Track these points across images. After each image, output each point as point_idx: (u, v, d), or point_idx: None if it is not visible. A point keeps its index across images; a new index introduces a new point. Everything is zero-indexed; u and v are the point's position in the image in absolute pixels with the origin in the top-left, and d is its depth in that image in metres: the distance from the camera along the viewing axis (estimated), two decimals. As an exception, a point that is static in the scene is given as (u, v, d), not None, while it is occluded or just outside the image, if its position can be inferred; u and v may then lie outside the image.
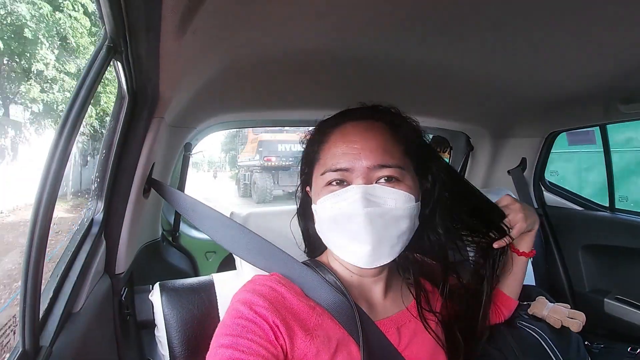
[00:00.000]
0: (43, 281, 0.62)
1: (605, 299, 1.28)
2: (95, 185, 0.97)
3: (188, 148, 1.60)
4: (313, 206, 0.83)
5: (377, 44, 1.05)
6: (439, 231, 0.87)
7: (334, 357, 0.73)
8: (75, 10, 8.56)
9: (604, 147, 1.78)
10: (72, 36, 8.48)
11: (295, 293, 0.78)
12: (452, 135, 2.20)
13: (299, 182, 0.93)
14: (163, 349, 0.97)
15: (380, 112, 0.84)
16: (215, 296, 1.02)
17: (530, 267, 1.68)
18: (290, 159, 10.27)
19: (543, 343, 1.13)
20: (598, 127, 1.75)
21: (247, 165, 11.99)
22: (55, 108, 8.53)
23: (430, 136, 2.17)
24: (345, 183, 0.77)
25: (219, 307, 1.01)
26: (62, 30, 8.34)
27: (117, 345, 0.94)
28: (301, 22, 0.90)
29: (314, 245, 0.94)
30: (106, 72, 0.74)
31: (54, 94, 8.52)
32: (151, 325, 1.01)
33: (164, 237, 1.67)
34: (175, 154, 1.47)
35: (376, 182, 0.76)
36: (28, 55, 8.14)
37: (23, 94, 8.55)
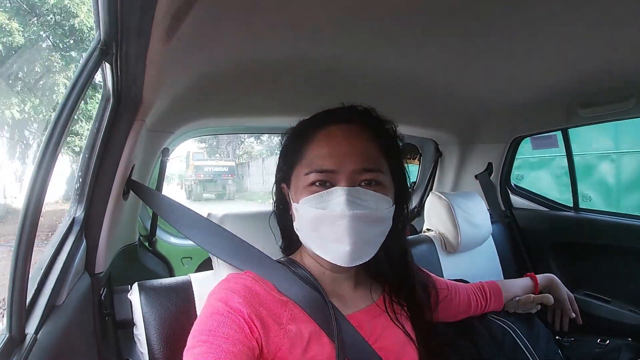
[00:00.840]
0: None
1: (574, 294, 1.31)
2: (78, 184, 0.98)
3: (165, 153, 1.61)
4: (294, 205, 0.83)
5: (347, 53, 1.09)
6: (402, 234, 0.91)
7: (307, 350, 0.75)
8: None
9: (567, 150, 1.85)
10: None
11: (268, 289, 0.80)
12: (421, 142, 2.26)
13: (275, 180, 0.94)
14: (142, 347, 0.98)
15: (363, 114, 0.85)
16: (193, 295, 1.04)
17: (499, 267, 1.72)
18: (211, 175, 16.27)
19: (514, 335, 1.16)
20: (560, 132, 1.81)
21: (189, 179, 17.85)
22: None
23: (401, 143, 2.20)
24: (328, 184, 0.78)
25: (196, 305, 1.03)
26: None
27: (97, 342, 0.95)
28: (278, 33, 0.94)
29: (290, 242, 0.95)
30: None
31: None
32: (130, 324, 1.01)
33: (140, 242, 1.66)
34: (153, 158, 1.48)
35: (358, 185, 0.78)
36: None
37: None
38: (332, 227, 0.76)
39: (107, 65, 0.83)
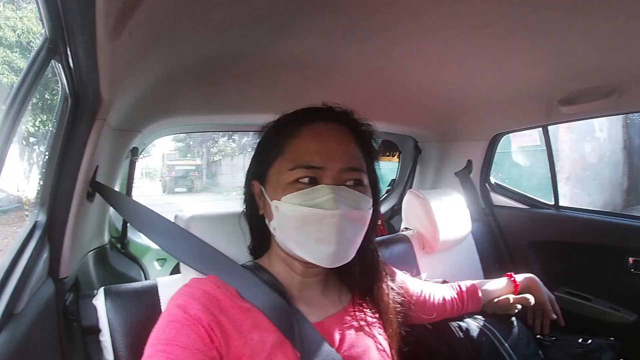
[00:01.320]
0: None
1: (555, 293, 1.30)
2: (39, 187, 0.96)
3: (135, 152, 1.59)
4: (273, 203, 0.78)
5: (320, 47, 1.08)
6: (373, 236, 0.90)
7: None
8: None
9: (547, 147, 1.82)
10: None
11: (230, 295, 0.77)
12: (400, 139, 2.24)
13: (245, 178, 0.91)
14: (108, 354, 0.95)
15: (345, 114, 0.84)
16: (159, 300, 1.01)
17: (479, 266, 1.69)
18: (182, 172, 18.82)
19: (492, 337, 1.14)
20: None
21: (164, 176, 20.13)
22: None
23: (380, 140, 2.18)
24: (314, 181, 0.76)
25: (162, 311, 0.99)
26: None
27: (62, 350, 0.92)
28: (242, 26, 0.93)
29: (259, 243, 0.91)
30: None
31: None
32: (96, 330, 0.99)
33: (112, 244, 1.63)
34: (121, 158, 1.45)
35: (343, 184, 0.77)
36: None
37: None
38: (318, 225, 0.74)
39: (59, 65, 0.82)
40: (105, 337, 0.96)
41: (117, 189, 1.51)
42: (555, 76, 1.36)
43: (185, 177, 19.28)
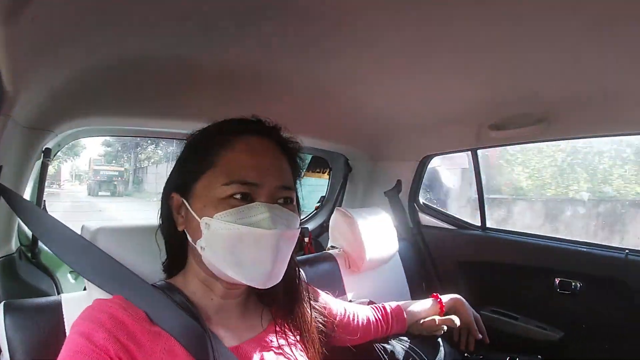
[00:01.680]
0: None
1: (482, 311, 1.30)
2: None
3: (47, 154, 1.42)
4: (204, 220, 0.72)
5: (251, 56, 1.04)
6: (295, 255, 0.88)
7: None
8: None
9: (475, 170, 1.86)
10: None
11: (139, 319, 0.70)
12: (331, 156, 2.21)
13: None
14: None
15: (276, 131, 0.82)
16: (63, 318, 0.91)
17: (406, 286, 1.66)
18: (106, 177, 17.68)
19: (417, 358, 1.12)
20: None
21: (90, 179, 19.34)
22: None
23: (310, 156, 2.15)
24: (249, 198, 0.72)
25: (66, 330, 0.90)
26: None
27: None
28: (168, 26, 0.88)
29: (175, 261, 0.84)
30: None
31: None
32: None
33: (21, 253, 1.45)
34: (31, 159, 1.32)
35: (276, 202, 0.75)
36: None
37: None
38: (255, 245, 0.71)
39: None
40: (5, 357, 0.85)
41: (28, 192, 1.38)
42: (487, 101, 1.39)
43: (109, 181, 18.89)
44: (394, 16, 0.86)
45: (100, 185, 18.85)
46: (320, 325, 0.91)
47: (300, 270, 0.90)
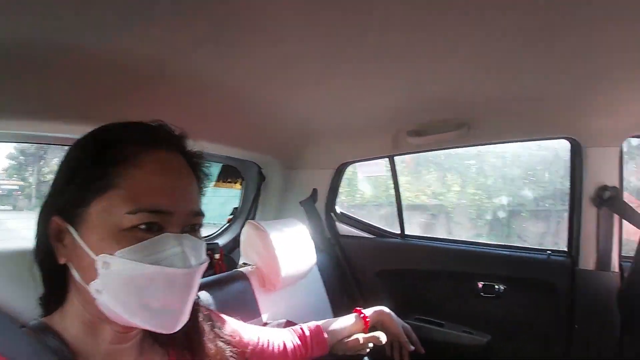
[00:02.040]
0: None
1: (407, 321, 1.30)
2: None
3: None
4: (102, 257, 0.57)
5: (153, 49, 0.90)
6: None
7: None
8: None
9: (393, 177, 1.87)
10: None
11: None
12: (243, 165, 2.10)
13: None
14: None
15: (180, 140, 0.68)
16: None
17: (327, 301, 1.60)
18: (6, 192, 19.55)
19: None
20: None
21: None
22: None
23: (220, 165, 2.03)
24: (156, 228, 0.59)
25: None
26: None
27: None
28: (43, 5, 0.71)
29: (53, 295, 0.66)
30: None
31: None
32: None
33: None
34: None
35: (183, 230, 0.62)
36: None
37: None
38: (167, 287, 0.59)
39: None
40: None
41: None
42: (405, 107, 1.38)
43: (9, 195, 18.95)
44: (307, 17, 0.80)
45: (0, 200, 19.38)
46: (232, 356, 0.80)
47: (200, 297, 0.76)
